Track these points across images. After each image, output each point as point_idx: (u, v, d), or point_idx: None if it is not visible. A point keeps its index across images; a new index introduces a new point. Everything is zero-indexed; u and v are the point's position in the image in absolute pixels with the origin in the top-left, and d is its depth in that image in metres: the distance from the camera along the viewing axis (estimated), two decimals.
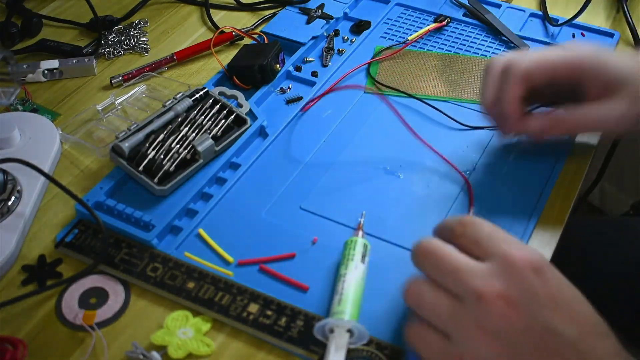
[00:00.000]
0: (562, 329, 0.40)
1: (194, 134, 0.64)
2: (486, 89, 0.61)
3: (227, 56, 0.76)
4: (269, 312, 0.52)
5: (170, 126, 0.64)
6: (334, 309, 0.50)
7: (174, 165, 0.61)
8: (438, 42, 0.78)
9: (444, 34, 0.79)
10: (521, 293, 0.41)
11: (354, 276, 0.52)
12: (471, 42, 0.78)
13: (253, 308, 0.52)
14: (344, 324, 0.48)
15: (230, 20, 0.84)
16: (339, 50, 0.76)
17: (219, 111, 0.66)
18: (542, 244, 0.57)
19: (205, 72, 0.76)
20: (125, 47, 0.79)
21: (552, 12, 0.82)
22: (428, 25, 0.79)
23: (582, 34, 0.79)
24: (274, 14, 0.82)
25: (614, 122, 0.57)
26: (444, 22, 0.79)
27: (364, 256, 0.53)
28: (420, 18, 0.81)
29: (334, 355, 0.48)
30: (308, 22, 0.79)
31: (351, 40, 0.78)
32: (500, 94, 0.59)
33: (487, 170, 0.63)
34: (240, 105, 0.68)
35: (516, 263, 0.41)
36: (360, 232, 0.56)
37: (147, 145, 0.62)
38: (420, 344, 0.44)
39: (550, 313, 0.40)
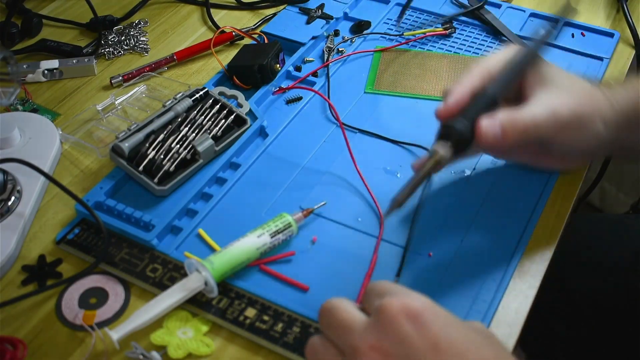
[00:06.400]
0: None
1: (194, 134, 0.64)
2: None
3: (227, 56, 0.76)
4: (265, 317, 0.52)
5: (170, 126, 0.64)
6: (210, 256, 0.52)
7: (174, 165, 0.61)
8: (438, 42, 0.78)
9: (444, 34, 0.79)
10: (395, 342, 0.40)
11: (249, 241, 0.53)
12: (471, 42, 0.78)
13: (250, 312, 0.52)
14: (204, 273, 0.51)
15: (231, 20, 0.84)
16: (339, 50, 0.76)
17: (219, 111, 0.66)
18: (543, 243, 0.57)
19: (205, 72, 0.76)
20: (125, 47, 0.79)
21: (552, 11, 0.82)
22: (430, 26, 0.79)
23: (582, 34, 0.79)
24: (274, 14, 0.82)
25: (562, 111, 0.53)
26: (447, 32, 0.79)
27: (277, 232, 0.54)
28: (420, 18, 0.81)
29: (175, 290, 0.51)
30: (308, 22, 0.79)
31: (351, 40, 0.78)
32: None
33: (487, 169, 0.63)
34: (240, 105, 0.68)
35: (389, 313, 0.40)
36: (301, 216, 0.57)
37: (147, 145, 0.62)
38: None
39: (432, 357, 0.39)
